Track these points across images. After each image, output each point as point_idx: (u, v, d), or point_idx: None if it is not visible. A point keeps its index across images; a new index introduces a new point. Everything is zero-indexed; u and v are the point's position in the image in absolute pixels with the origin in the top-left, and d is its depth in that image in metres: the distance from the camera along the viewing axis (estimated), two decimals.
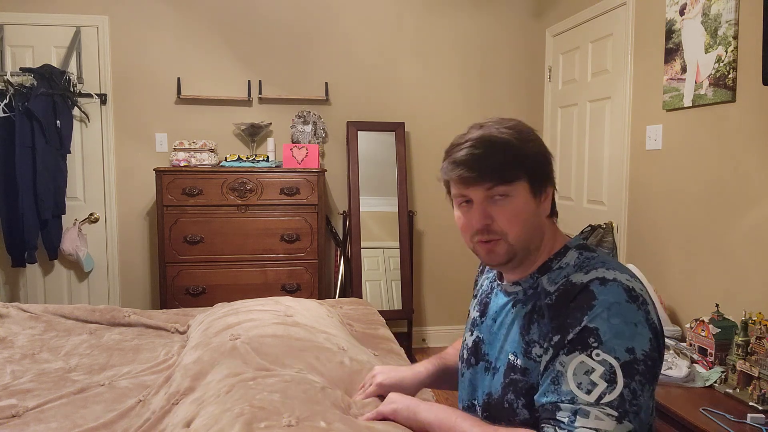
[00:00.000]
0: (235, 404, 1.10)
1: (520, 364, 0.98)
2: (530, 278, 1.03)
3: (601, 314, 0.87)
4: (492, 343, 1.07)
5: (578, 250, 1.02)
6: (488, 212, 0.98)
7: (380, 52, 3.77)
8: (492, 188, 0.97)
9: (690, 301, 2.44)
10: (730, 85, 2.18)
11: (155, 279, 3.58)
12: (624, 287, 0.90)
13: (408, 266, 3.61)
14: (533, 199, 0.99)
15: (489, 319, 1.11)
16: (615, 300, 0.89)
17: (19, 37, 3.43)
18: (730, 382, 1.94)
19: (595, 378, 0.84)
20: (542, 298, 0.99)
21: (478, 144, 0.98)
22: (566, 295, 0.94)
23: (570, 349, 0.88)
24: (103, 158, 3.55)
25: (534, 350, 0.96)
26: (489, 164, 0.96)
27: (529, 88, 3.91)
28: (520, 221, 0.98)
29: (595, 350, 0.86)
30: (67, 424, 1.36)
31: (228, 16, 3.61)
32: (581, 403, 0.84)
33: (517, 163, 0.97)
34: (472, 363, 1.12)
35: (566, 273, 0.98)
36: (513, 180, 0.97)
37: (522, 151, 0.97)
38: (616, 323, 0.87)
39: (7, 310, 2.14)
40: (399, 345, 1.95)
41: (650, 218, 2.71)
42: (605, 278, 0.91)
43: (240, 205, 3.29)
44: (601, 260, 0.97)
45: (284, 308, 1.78)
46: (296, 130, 3.68)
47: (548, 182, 1.01)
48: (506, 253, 1.00)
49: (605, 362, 0.85)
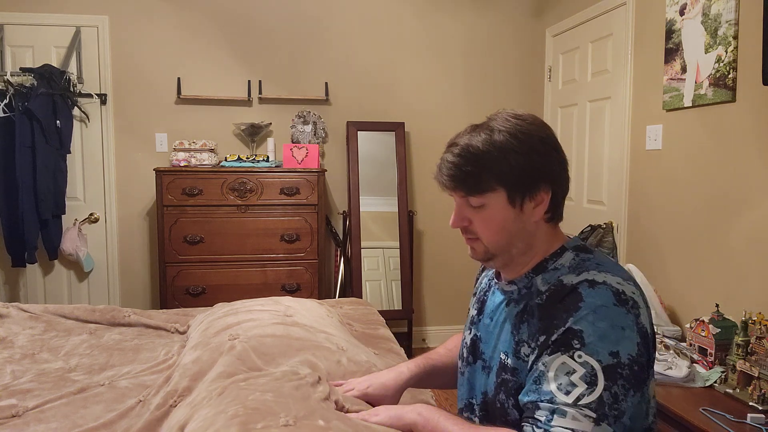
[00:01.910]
0: (228, 406, 1.10)
1: (510, 363, 0.99)
2: (525, 278, 1.03)
3: (587, 316, 0.88)
4: (488, 341, 1.08)
5: (575, 251, 1.01)
6: (465, 215, 1.02)
7: (380, 52, 3.77)
8: (466, 197, 1.00)
9: (690, 301, 2.44)
10: (730, 85, 2.18)
11: (155, 279, 3.58)
12: (613, 290, 0.90)
13: (408, 266, 3.61)
14: (512, 209, 0.98)
15: (486, 317, 1.11)
16: (602, 303, 0.89)
17: (19, 37, 3.43)
18: (730, 382, 1.94)
19: (575, 379, 0.85)
20: (534, 297, 0.99)
21: (456, 153, 0.99)
22: (556, 295, 0.95)
23: (553, 349, 0.89)
24: (103, 158, 3.55)
25: (522, 350, 0.97)
26: (461, 176, 0.98)
27: (529, 88, 3.91)
28: (495, 228, 0.99)
29: (577, 352, 0.86)
30: (67, 424, 1.36)
31: (228, 16, 3.61)
32: (559, 403, 0.85)
33: (491, 176, 0.97)
34: (470, 361, 1.13)
35: (560, 274, 0.98)
36: (485, 191, 0.98)
37: (498, 163, 0.96)
38: (601, 326, 0.87)
39: (7, 310, 2.14)
40: (399, 345, 1.95)
41: (650, 218, 2.71)
42: (594, 281, 0.92)
43: (240, 205, 3.29)
44: (596, 262, 0.98)
45: (284, 308, 1.78)
46: (296, 130, 3.68)
47: (537, 189, 0.98)
48: (483, 252, 1.03)
49: (587, 364, 0.85)
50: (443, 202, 3.89)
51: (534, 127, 1.00)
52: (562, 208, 1.04)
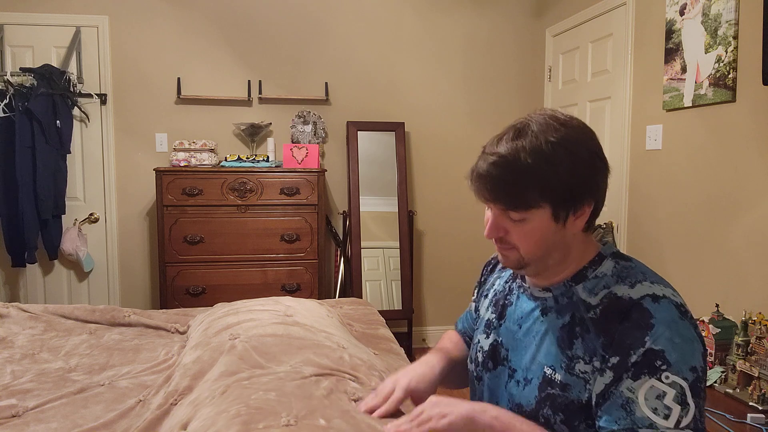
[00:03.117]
0: (230, 405, 1.09)
1: (560, 379, 0.94)
2: (563, 285, 0.99)
3: (664, 334, 0.85)
4: (517, 349, 1.04)
5: (614, 259, 0.98)
6: (502, 226, 0.96)
7: (380, 52, 3.77)
8: (506, 210, 0.94)
9: (690, 301, 2.42)
10: (730, 85, 2.18)
11: (155, 279, 3.58)
12: (674, 303, 0.88)
13: (408, 266, 3.61)
14: (554, 224, 0.93)
15: (511, 323, 1.06)
16: (671, 318, 0.86)
17: (19, 37, 3.43)
18: (730, 382, 1.94)
19: (668, 402, 0.82)
20: (582, 310, 0.94)
21: (499, 164, 0.91)
22: (613, 310, 0.90)
23: (636, 373, 0.85)
24: (103, 158, 3.55)
25: (578, 366, 0.92)
26: (504, 190, 0.92)
27: (529, 88, 3.91)
28: (534, 242, 0.94)
29: (664, 373, 0.83)
30: (67, 424, 1.36)
31: (228, 15, 3.61)
32: (662, 427, 0.82)
33: (536, 193, 0.90)
34: (489, 367, 1.08)
35: (605, 283, 0.94)
36: (529, 207, 0.92)
37: (547, 179, 0.90)
38: (678, 343, 0.85)
39: (7, 310, 2.14)
40: (399, 345, 1.95)
41: (650, 218, 2.71)
42: (656, 295, 0.89)
43: (240, 205, 3.29)
44: (640, 271, 0.95)
45: (284, 308, 1.78)
46: (296, 130, 3.68)
47: (581, 204, 0.93)
48: (517, 261, 0.98)
49: (675, 384, 0.83)
50: (443, 202, 3.89)
51: (583, 135, 0.94)
52: (598, 215, 0.99)
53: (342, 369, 1.33)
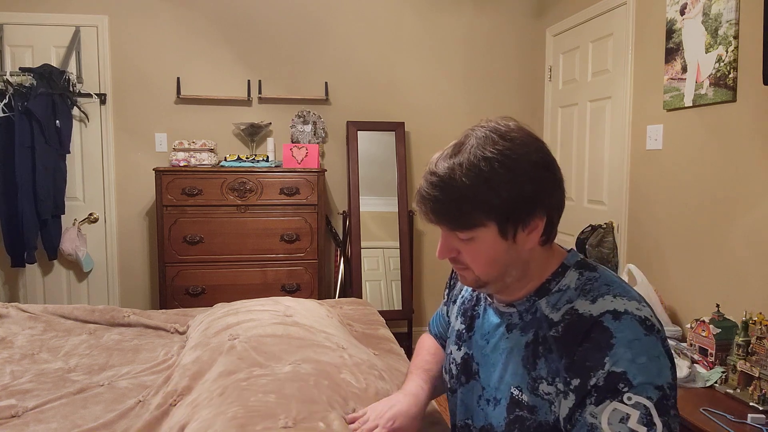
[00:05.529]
0: (229, 407, 1.09)
1: (526, 400, 0.91)
2: (526, 301, 0.96)
3: (625, 355, 0.82)
4: (485, 366, 1.01)
5: (578, 270, 0.95)
6: (453, 246, 0.94)
7: (380, 52, 3.77)
8: (453, 231, 0.92)
9: (690, 301, 2.43)
10: (730, 84, 2.18)
11: (155, 279, 3.58)
12: (638, 319, 0.85)
13: (408, 266, 3.61)
14: (504, 241, 0.90)
15: (479, 337, 1.04)
16: (634, 336, 0.83)
17: (18, 37, 3.43)
18: (730, 382, 1.93)
19: (632, 425, 0.79)
20: (545, 327, 0.92)
21: (437, 185, 0.89)
22: (575, 329, 0.88)
23: (599, 398, 0.82)
24: (103, 158, 3.55)
25: (542, 387, 0.90)
26: (444, 211, 0.90)
27: (529, 87, 3.90)
28: (486, 261, 0.92)
29: (626, 394, 0.81)
30: (66, 424, 1.35)
31: (228, 15, 3.60)
32: None
33: (478, 212, 0.88)
34: (462, 381, 1.06)
35: (568, 297, 0.92)
36: (473, 226, 0.89)
37: (485, 197, 0.87)
38: (643, 362, 0.82)
39: (7, 311, 2.14)
40: (399, 345, 1.95)
41: (650, 218, 2.70)
42: (617, 311, 0.86)
43: (240, 205, 3.29)
44: (605, 282, 0.91)
45: (284, 308, 1.78)
46: (296, 130, 3.67)
47: (530, 218, 0.89)
48: (475, 281, 0.96)
49: (639, 405, 0.80)
50: None
51: (524, 148, 0.89)
52: (557, 227, 0.95)
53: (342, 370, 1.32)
